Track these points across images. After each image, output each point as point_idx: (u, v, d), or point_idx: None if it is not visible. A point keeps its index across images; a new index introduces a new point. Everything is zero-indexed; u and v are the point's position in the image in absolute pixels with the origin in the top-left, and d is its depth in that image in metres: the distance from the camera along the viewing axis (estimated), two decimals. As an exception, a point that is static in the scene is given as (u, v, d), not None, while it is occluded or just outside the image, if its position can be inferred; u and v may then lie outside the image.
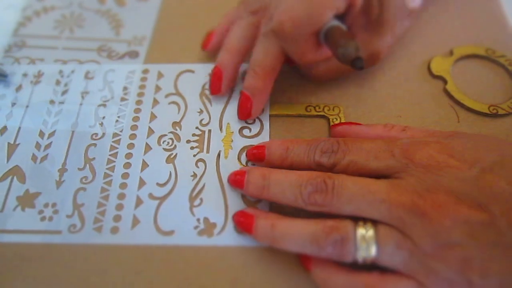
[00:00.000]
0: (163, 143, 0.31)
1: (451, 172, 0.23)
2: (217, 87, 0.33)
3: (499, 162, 0.23)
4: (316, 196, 0.25)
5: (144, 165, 0.30)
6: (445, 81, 0.34)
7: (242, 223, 0.27)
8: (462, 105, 0.33)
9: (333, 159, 0.26)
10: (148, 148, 0.31)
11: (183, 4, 0.41)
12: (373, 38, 0.32)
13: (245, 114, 0.32)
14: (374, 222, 0.23)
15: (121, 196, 0.29)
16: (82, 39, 0.39)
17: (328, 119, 0.32)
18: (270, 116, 0.33)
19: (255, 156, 0.29)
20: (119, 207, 0.29)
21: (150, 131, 0.32)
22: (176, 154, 0.31)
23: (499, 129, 0.31)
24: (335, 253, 0.23)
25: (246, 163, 0.30)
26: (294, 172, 0.26)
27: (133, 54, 0.37)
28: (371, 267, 0.23)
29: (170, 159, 0.31)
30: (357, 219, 0.24)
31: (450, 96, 0.33)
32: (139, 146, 0.31)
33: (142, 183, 0.29)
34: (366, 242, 0.23)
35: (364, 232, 0.23)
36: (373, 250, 0.23)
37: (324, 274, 0.25)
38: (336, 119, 0.32)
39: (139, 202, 0.29)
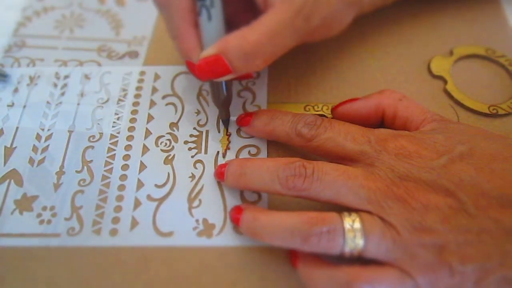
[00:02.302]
0: (160, 144, 0.31)
1: (421, 161, 0.24)
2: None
3: (468, 152, 0.24)
4: (295, 180, 0.25)
5: (142, 166, 0.30)
6: (445, 81, 0.34)
7: (233, 217, 0.27)
8: (462, 105, 0.33)
9: (314, 131, 0.27)
10: (145, 149, 0.31)
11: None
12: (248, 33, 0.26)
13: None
14: (358, 212, 0.24)
15: (120, 198, 0.29)
16: (82, 39, 0.39)
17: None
18: None
19: (242, 121, 0.31)
20: (118, 209, 0.29)
21: (148, 132, 0.32)
22: (174, 155, 0.31)
23: (499, 129, 0.31)
24: (322, 245, 0.23)
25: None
26: (272, 159, 0.27)
27: (133, 54, 0.37)
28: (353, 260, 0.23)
29: (168, 160, 0.30)
30: (340, 211, 0.24)
31: (450, 96, 0.33)
32: (136, 148, 0.31)
33: (140, 184, 0.29)
34: (353, 233, 0.23)
35: (351, 223, 0.23)
36: (360, 241, 0.23)
37: (308, 269, 0.25)
38: None
39: (137, 203, 0.29)
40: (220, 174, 0.29)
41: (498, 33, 0.36)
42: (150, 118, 0.33)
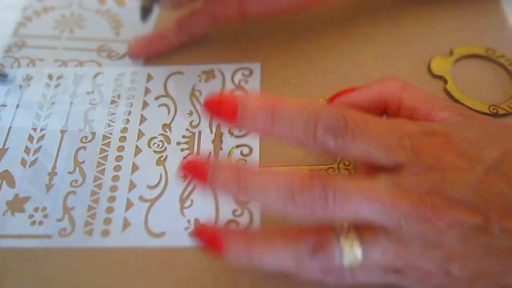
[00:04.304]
0: (153, 145, 0.31)
1: (454, 174, 0.22)
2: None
3: (500, 158, 0.22)
4: (317, 205, 0.21)
5: (135, 167, 0.30)
6: (445, 81, 0.33)
7: (208, 239, 0.23)
8: (462, 105, 0.32)
9: (341, 141, 0.21)
10: (138, 150, 0.31)
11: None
12: None
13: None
14: (357, 229, 0.22)
15: (112, 199, 0.29)
16: (82, 39, 0.39)
17: None
18: None
19: (221, 111, 0.22)
20: (110, 210, 0.28)
21: (140, 134, 0.32)
22: (167, 156, 0.31)
23: (499, 130, 0.31)
24: (320, 266, 0.22)
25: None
26: (279, 173, 0.22)
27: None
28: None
29: (160, 161, 0.30)
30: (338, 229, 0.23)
31: (450, 96, 0.33)
32: (129, 149, 0.31)
33: (132, 185, 0.29)
34: (350, 249, 0.22)
35: (347, 239, 0.22)
36: (359, 254, 0.22)
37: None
38: None
39: (129, 204, 0.29)
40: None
41: (498, 33, 0.36)
42: (143, 119, 0.33)
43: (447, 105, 0.26)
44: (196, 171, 0.22)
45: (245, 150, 0.31)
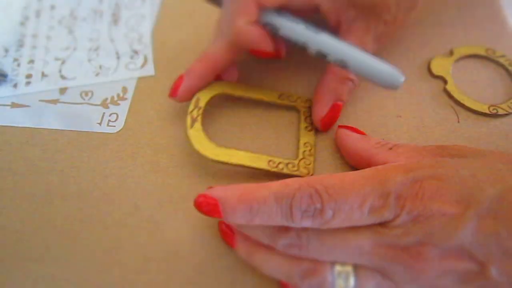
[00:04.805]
0: None
1: (444, 221, 0.21)
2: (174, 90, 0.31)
3: (496, 200, 0.21)
4: (292, 250, 0.23)
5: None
6: (445, 81, 0.34)
7: (226, 239, 0.27)
8: (462, 105, 0.33)
9: (319, 221, 0.22)
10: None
11: (183, 3, 0.41)
12: (370, 23, 0.30)
13: (172, 90, 0.31)
14: (355, 266, 0.23)
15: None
16: (82, 38, 0.38)
17: (299, 111, 0.33)
18: (239, 97, 0.33)
19: (211, 211, 0.23)
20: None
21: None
22: None
23: (499, 129, 0.31)
24: None
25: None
26: (267, 227, 0.23)
27: (133, 54, 0.37)
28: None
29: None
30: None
31: (450, 96, 0.33)
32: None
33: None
34: (344, 278, 0.22)
35: (342, 269, 0.22)
36: (351, 283, 0.22)
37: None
38: (307, 112, 0.32)
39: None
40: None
41: (498, 33, 0.37)
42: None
43: (438, 152, 0.25)
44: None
45: None
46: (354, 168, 0.30)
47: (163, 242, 0.27)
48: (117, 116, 0.33)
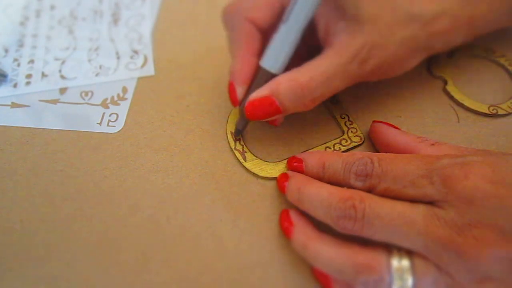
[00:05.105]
0: None
1: (496, 203, 0.21)
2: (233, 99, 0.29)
3: None
4: (345, 222, 0.23)
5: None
6: (445, 81, 0.34)
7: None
8: (462, 105, 0.33)
9: (368, 183, 0.25)
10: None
11: (183, 3, 0.41)
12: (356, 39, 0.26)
13: (233, 101, 0.29)
14: (410, 253, 0.22)
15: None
16: (82, 38, 0.38)
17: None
18: None
19: (296, 169, 0.28)
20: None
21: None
22: None
23: (499, 129, 0.31)
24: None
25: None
26: (327, 189, 0.25)
27: (133, 54, 0.37)
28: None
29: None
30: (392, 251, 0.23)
31: (450, 96, 0.33)
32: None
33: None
34: (401, 276, 0.22)
35: (399, 265, 0.22)
36: (409, 283, 0.22)
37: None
38: (343, 117, 0.32)
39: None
40: (282, 187, 0.28)
41: (498, 33, 0.36)
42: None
43: (477, 153, 0.25)
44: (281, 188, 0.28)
45: None
46: None
47: (163, 242, 0.27)
48: (117, 116, 0.33)
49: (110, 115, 0.33)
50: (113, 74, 0.36)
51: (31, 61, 0.37)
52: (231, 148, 0.31)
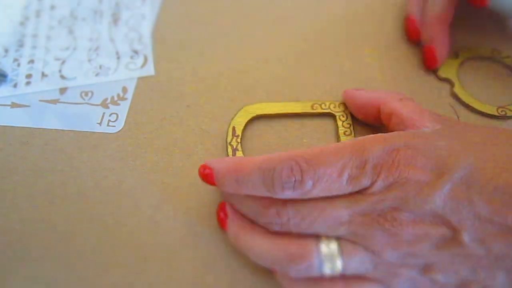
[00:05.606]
0: None
1: (417, 188, 0.22)
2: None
3: (469, 169, 0.22)
4: (274, 227, 0.24)
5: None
6: (452, 84, 0.34)
7: (219, 219, 0.27)
8: (470, 108, 0.32)
9: (300, 190, 0.23)
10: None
11: (183, 3, 0.41)
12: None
13: (431, 62, 0.34)
14: (339, 239, 0.23)
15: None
16: (82, 38, 0.38)
17: (335, 117, 0.32)
18: (271, 115, 0.32)
19: (207, 178, 0.25)
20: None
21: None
22: None
23: (508, 131, 0.31)
24: (301, 274, 0.23)
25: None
26: (253, 203, 0.25)
27: (133, 54, 0.37)
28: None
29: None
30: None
31: (458, 99, 0.33)
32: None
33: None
34: (330, 260, 0.23)
35: (328, 249, 0.23)
36: (339, 266, 0.23)
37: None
38: (343, 116, 0.32)
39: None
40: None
41: (503, 34, 0.36)
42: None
43: (435, 117, 0.26)
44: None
45: None
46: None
47: (163, 242, 0.27)
48: (117, 116, 0.33)
49: (110, 115, 0.33)
50: (113, 74, 0.36)
51: (31, 61, 0.37)
52: (226, 142, 0.31)
